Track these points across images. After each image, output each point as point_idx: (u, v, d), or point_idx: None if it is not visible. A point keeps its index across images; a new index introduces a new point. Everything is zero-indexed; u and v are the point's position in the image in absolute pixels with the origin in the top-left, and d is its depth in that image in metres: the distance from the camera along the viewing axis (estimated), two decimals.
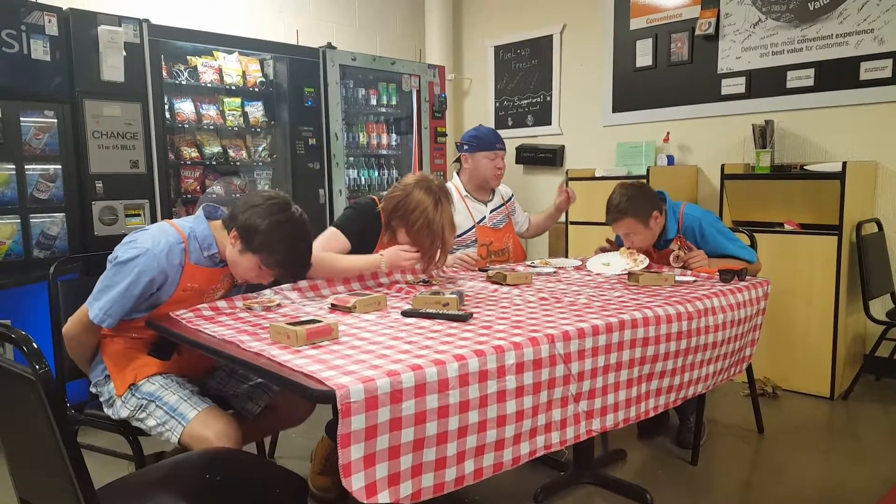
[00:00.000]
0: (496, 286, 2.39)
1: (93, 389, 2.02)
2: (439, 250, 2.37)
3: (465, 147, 3.16)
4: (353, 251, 2.36)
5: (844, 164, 3.32)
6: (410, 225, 2.30)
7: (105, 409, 1.98)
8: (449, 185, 3.03)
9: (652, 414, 1.99)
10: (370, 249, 2.42)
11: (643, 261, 2.68)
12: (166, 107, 3.65)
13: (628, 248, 2.79)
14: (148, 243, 1.85)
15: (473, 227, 3.08)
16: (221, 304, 2.01)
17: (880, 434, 3.05)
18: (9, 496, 1.57)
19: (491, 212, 3.18)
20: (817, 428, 3.14)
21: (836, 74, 3.75)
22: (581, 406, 1.75)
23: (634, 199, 2.73)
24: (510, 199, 3.34)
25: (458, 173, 3.27)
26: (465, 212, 3.07)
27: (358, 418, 1.28)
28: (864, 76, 3.66)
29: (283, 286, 2.18)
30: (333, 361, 1.43)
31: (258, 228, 1.86)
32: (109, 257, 1.90)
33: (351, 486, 1.30)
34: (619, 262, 2.74)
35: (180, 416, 1.81)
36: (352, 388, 1.27)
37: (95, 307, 1.84)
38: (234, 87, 3.97)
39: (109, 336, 1.96)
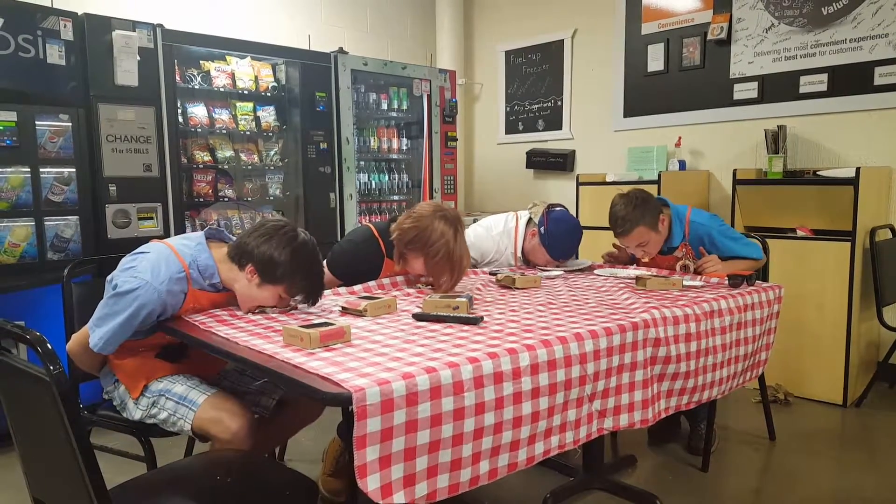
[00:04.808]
0: (505, 289, 2.39)
1: (106, 396, 2.04)
2: (456, 277, 2.34)
3: (543, 231, 2.85)
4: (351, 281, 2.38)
5: (858, 169, 3.30)
6: (431, 255, 2.26)
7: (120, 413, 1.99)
8: (511, 223, 2.98)
9: (663, 415, 1.98)
10: (373, 275, 2.44)
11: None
12: (179, 111, 3.68)
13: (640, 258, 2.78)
14: (147, 275, 1.81)
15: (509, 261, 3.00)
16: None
17: (894, 442, 3.02)
18: (22, 495, 1.59)
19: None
20: (830, 435, 3.11)
21: (850, 79, 3.73)
22: (595, 405, 1.75)
23: (640, 207, 2.71)
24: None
25: (526, 226, 2.97)
26: (510, 252, 2.97)
27: (374, 420, 1.28)
28: (878, 81, 3.64)
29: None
30: (348, 364, 1.44)
31: (279, 259, 1.87)
32: (108, 278, 1.88)
33: (366, 487, 1.30)
34: (626, 271, 2.75)
35: (190, 403, 1.83)
36: (368, 390, 1.27)
37: (95, 335, 1.82)
38: (246, 92, 4.00)
39: (117, 354, 1.94)
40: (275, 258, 1.87)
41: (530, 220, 2.98)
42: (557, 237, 2.84)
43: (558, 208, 2.94)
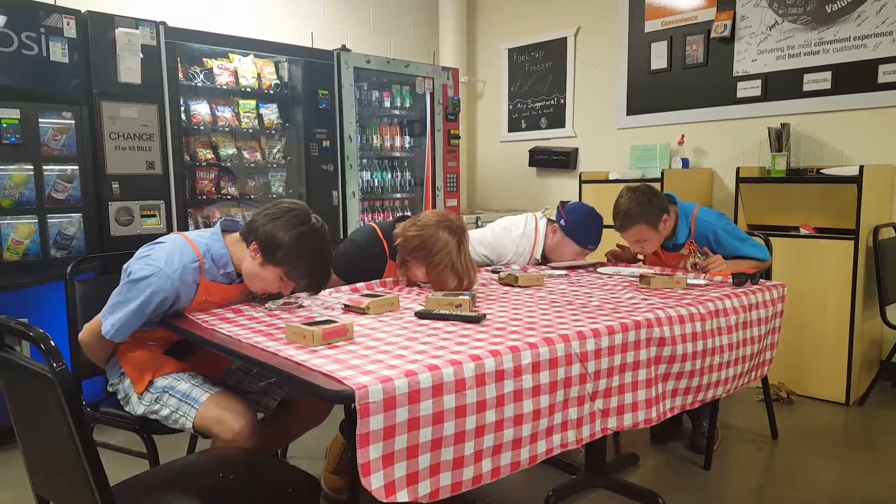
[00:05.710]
0: (508, 287, 2.39)
1: (110, 388, 2.05)
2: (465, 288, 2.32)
3: (564, 223, 2.89)
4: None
5: (861, 167, 3.29)
6: (433, 265, 2.25)
7: (123, 407, 2.00)
8: (531, 225, 2.97)
9: (669, 415, 1.98)
10: (375, 277, 2.44)
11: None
12: (182, 108, 3.67)
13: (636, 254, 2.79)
14: (161, 262, 1.82)
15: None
16: (241, 306, 2.02)
17: None
18: (25, 492, 1.59)
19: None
20: (832, 434, 3.11)
21: (854, 77, 3.72)
22: (597, 404, 1.75)
23: (644, 205, 2.72)
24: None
25: (547, 225, 2.98)
26: (527, 254, 2.95)
27: (376, 418, 1.29)
28: (882, 79, 3.63)
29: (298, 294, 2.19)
30: (350, 361, 1.44)
31: (282, 241, 1.85)
32: (124, 266, 1.89)
33: (370, 486, 1.30)
34: (629, 269, 2.75)
35: (193, 400, 1.82)
36: (371, 388, 1.28)
37: (108, 322, 1.84)
38: (249, 90, 3.99)
39: (127, 345, 1.96)
40: (278, 239, 1.85)
41: (548, 219, 2.98)
42: (580, 224, 2.87)
43: (570, 201, 2.96)
